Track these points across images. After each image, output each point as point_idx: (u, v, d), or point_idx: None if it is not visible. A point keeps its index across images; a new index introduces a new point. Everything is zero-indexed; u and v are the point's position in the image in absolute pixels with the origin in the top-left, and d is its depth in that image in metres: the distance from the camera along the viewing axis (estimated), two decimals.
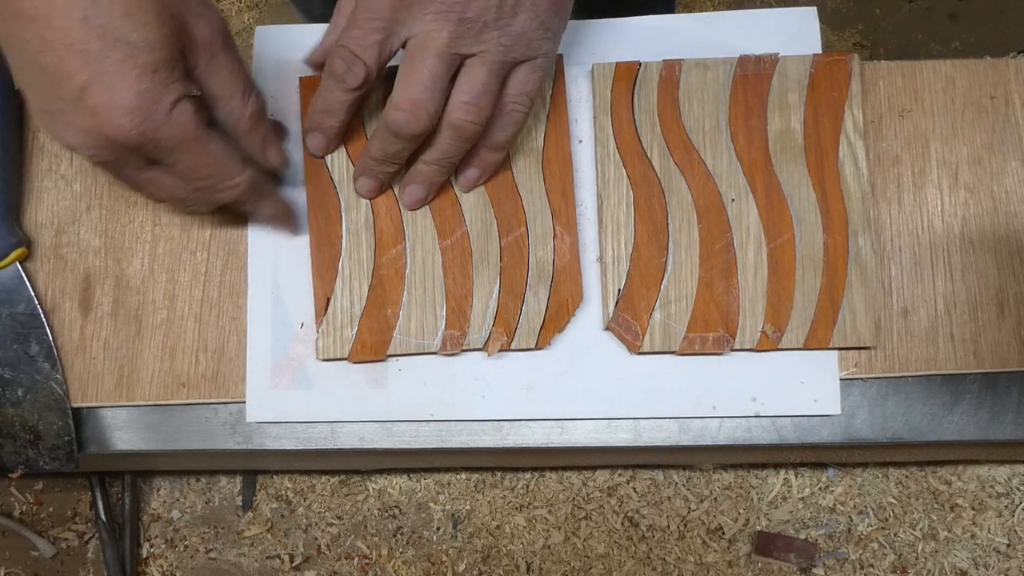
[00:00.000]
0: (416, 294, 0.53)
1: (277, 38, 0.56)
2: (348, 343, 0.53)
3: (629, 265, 0.53)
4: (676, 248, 0.53)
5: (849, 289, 0.52)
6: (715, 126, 0.54)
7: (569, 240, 0.53)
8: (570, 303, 0.53)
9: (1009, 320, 0.53)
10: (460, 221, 0.54)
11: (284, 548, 0.61)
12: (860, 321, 0.52)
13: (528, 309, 0.53)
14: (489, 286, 0.53)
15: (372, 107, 0.54)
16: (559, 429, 0.54)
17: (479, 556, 0.60)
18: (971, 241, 0.54)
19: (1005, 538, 0.59)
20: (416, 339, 0.53)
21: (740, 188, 0.53)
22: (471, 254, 0.53)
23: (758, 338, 0.52)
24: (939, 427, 0.53)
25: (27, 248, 0.55)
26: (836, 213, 0.53)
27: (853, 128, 0.53)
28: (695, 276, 0.53)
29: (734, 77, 0.54)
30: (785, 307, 0.52)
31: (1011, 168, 0.55)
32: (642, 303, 0.53)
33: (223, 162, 0.46)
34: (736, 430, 0.54)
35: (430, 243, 0.54)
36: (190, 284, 0.55)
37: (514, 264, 0.53)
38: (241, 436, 0.54)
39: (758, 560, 0.59)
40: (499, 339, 0.53)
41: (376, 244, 0.54)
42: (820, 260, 0.53)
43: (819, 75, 0.54)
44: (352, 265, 0.54)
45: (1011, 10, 1.43)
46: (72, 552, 0.61)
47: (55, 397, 0.54)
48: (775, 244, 0.53)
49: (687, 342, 0.52)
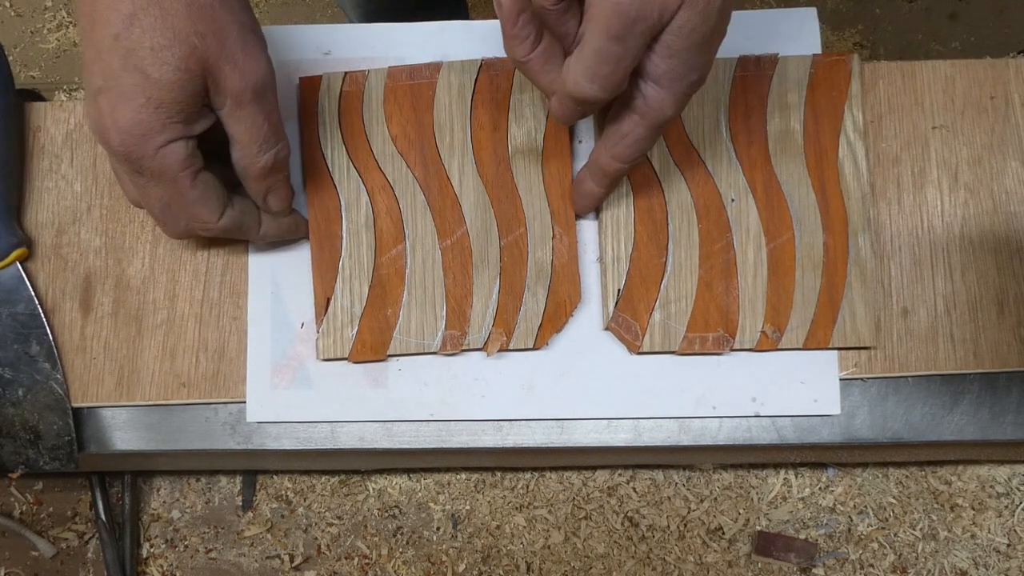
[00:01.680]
0: (416, 294, 0.53)
1: (277, 38, 0.56)
2: (348, 343, 0.53)
3: (629, 265, 0.53)
4: (676, 248, 0.53)
5: (849, 289, 0.52)
6: (715, 126, 0.54)
7: (568, 241, 0.53)
8: (568, 304, 0.53)
9: (1009, 320, 0.53)
10: (460, 221, 0.54)
11: (284, 548, 0.61)
12: (860, 321, 0.52)
13: (527, 309, 0.53)
14: (489, 286, 0.53)
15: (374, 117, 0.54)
16: (559, 429, 0.54)
17: (479, 556, 0.60)
18: (971, 241, 0.54)
19: (1005, 538, 0.59)
20: (416, 339, 0.53)
21: (740, 188, 0.53)
22: (471, 254, 0.53)
23: (758, 338, 0.52)
24: (939, 427, 0.53)
25: (28, 248, 0.55)
26: (836, 213, 0.53)
27: (853, 128, 0.53)
28: (695, 276, 0.53)
29: (734, 77, 0.54)
30: (785, 307, 0.52)
31: (1011, 168, 0.55)
32: (642, 303, 0.53)
33: (196, 207, 0.47)
34: (736, 430, 0.54)
35: (430, 243, 0.54)
36: (190, 284, 0.55)
37: (513, 264, 0.53)
38: (241, 436, 0.54)
39: (758, 560, 0.59)
40: (498, 339, 0.53)
41: (376, 244, 0.54)
42: (820, 260, 0.53)
43: (819, 75, 0.54)
44: (352, 265, 0.54)
45: (1011, 10, 1.43)
46: (72, 552, 0.61)
47: (55, 397, 0.54)
48: (775, 244, 0.53)
49: (687, 342, 0.52)
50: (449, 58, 0.55)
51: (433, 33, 0.56)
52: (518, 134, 0.54)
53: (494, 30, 0.56)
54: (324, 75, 0.55)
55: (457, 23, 0.57)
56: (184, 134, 0.44)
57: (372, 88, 0.55)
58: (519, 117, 0.54)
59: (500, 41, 0.44)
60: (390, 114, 0.54)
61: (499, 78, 0.54)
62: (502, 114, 0.54)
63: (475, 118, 0.54)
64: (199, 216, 0.47)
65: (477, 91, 0.54)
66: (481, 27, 0.57)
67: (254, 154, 0.46)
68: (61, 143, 0.57)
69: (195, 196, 0.46)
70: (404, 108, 0.54)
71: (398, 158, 0.54)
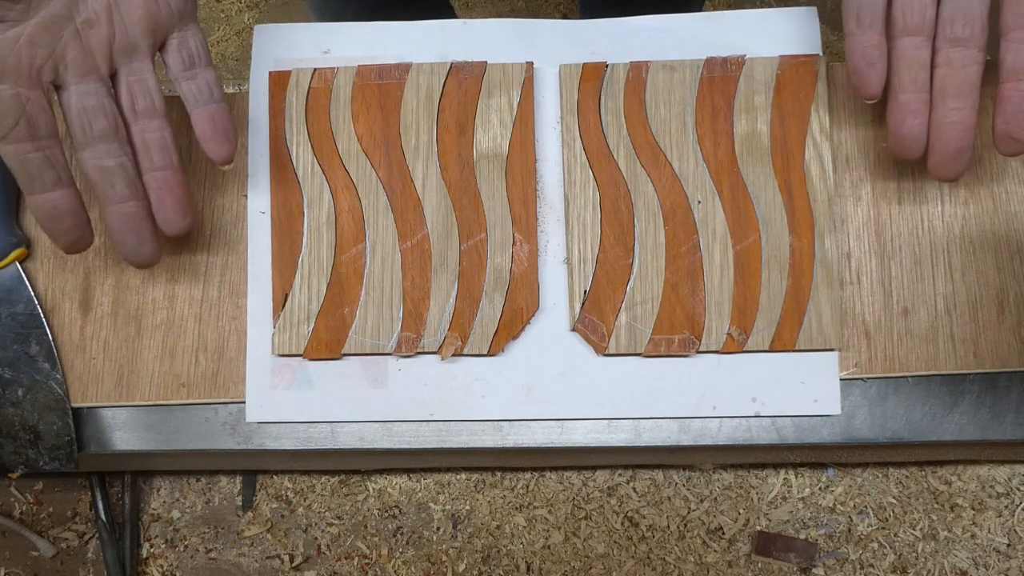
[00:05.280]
0: (374, 294, 0.53)
1: (277, 36, 0.56)
2: (304, 340, 0.53)
3: (595, 267, 0.53)
4: (642, 250, 0.53)
5: (815, 291, 0.52)
6: (682, 128, 0.54)
7: (528, 248, 0.53)
8: (525, 311, 0.53)
9: (1009, 320, 0.53)
10: (421, 224, 0.53)
11: (284, 548, 0.61)
12: (826, 323, 0.52)
13: (483, 315, 0.53)
14: (447, 290, 0.53)
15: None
16: (559, 429, 0.54)
17: (479, 556, 0.60)
18: (971, 241, 0.54)
19: (1005, 538, 0.59)
20: (372, 339, 0.53)
21: (707, 190, 0.53)
22: (431, 257, 0.53)
23: (724, 340, 0.52)
24: (939, 427, 0.53)
25: (27, 248, 0.55)
26: (802, 215, 0.53)
27: (819, 130, 0.53)
28: (661, 278, 0.53)
29: (701, 79, 0.54)
30: (751, 309, 0.52)
31: (1011, 168, 0.55)
32: (608, 304, 0.53)
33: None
34: (736, 430, 0.54)
35: (390, 244, 0.53)
36: (190, 284, 0.55)
37: (472, 269, 0.53)
38: (241, 436, 0.54)
39: (758, 560, 0.59)
40: (453, 343, 0.53)
41: (337, 242, 0.54)
42: (786, 262, 0.53)
43: (785, 77, 0.54)
44: (312, 262, 0.54)
45: None
46: (72, 552, 0.61)
47: (55, 397, 0.54)
48: (741, 246, 0.53)
49: (653, 344, 0.52)
50: (449, 57, 0.56)
51: (433, 32, 0.56)
52: (484, 139, 0.54)
53: (493, 29, 0.56)
54: (293, 71, 0.55)
55: (457, 22, 0.57)
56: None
57: (340, 86, 0.55)
58: (486, 122, 0.54)
59: (498, 39, 0.45)
60: (357, 113, 0.54)
61: (468, 82, 0.54)
62: (469, 118, 0.54)
63: (441, 121, 0.54)
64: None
65: (445, 94, 0.54)
66: (481, 26, 0.57)
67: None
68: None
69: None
70: (371, 107, 0.54)
71: (363, 157, 0.54)
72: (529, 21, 0.56)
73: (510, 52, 0.56)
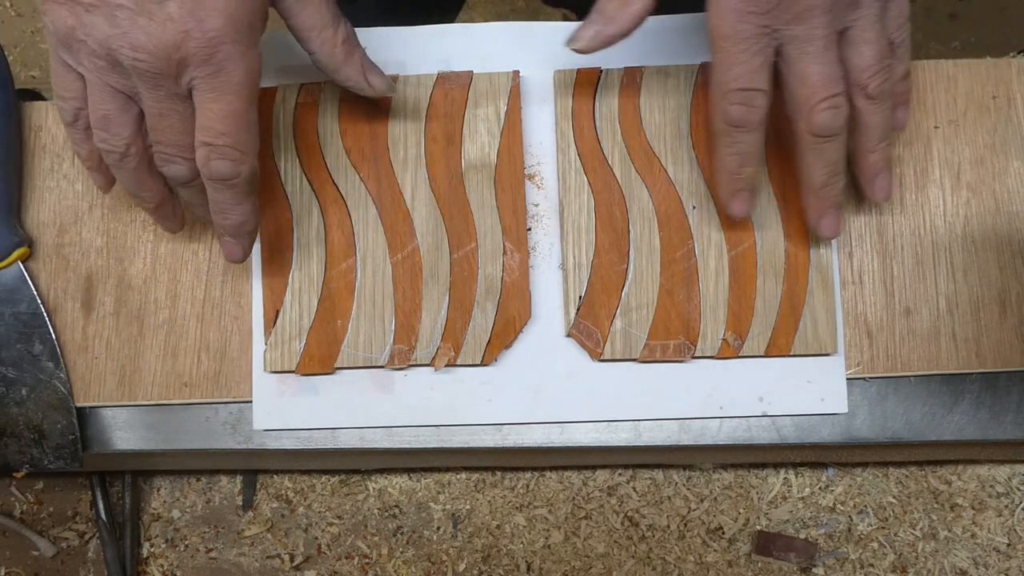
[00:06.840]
0: (365, 308, 0.53)
1: (280, 43, 0.56)
2: (296, 356, 0.53)
3: (590, 272, 0.53)
4: (637, 255, 0.53)
5: (810, 296, 0.52)
6: (676, 133, 0.54)
7: (519, 257, 0.53)
8: (517, 320, 0.53)
9: (1011, 319, 0.53)
10: (411, 236, 0.53)
11: (284, 548, 0.61)
12: (821, 328, 0.52)
13: (475, 325, 0.53)
14: (438, 301, 0.53)
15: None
16: (559, 429, 0.54)
17: (479, 556, 0.60)
18: (973, 241, 0.54)
19: (1005, 538, 0.59)
20: (364, 352, 0.53)
21: (701, 196, 0.53)
22: (421, 269, 0.53)
23: (719, 346, 0.52)
24: (939, 427, 0.54)
25: (29, 248, 0.55)
26: (797, 220, 0.53)
27: None
28: (656, 283, 0.53)
29: (695, 84, 0.54)
30: (746, 314, 0.52)
31: (1013, 168, 0.55)
32: (603, 310, 0.53)
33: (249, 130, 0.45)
34: (736, 430, 0.54)
35: (381, 257, 0.53)
36: (192, 283, 0.55)
37: (463, 280, 0.53)
38: (242, 436, 0.54)
39: (758, 560, 0.59)
40: (446, 354, 0.52)
41: (327, 257, 0.53)
42: (781, 267, 0.53)
43: None
44: (302, 278, 0.53)
45: (1011, 10, 1.44)
46: (72, 552, 0.61)
47: (59, 396, 0.54)
48: (736, 252, 0.53)
49: (648, 350, 0.52)
50: (450, 62, 0.55)
51: (434, 37, 0.56)
52: (472, 149, 0.54)
53: (494, 33, 0.56)
54: (280, 86, 0.55)
55: (458, 26, 0.57)
56: (258, 40, 0.43)
57: (327, 101, 0.55)
58: (473, 132, 0.54)
59: (500, 45, 0.44)
60: (345, 127, 0.54)
61: (454, 92, 0.54)
62: (456, 128, 0.54)
63: (429, 131, 0.54)
64: (243, 143, 0.44)
65: (432, 104, 0.54)
66: (481, 31, 0.56)
67: (331, 35, 0.46)
68: (62, 143, 0.56)
69: (252, 117, 0.44)
70: (359, 121, 0.54)
71: (352, 171, 0.54)
72: (529, 24, 0.56)
73: (511, 55, 0.56)
